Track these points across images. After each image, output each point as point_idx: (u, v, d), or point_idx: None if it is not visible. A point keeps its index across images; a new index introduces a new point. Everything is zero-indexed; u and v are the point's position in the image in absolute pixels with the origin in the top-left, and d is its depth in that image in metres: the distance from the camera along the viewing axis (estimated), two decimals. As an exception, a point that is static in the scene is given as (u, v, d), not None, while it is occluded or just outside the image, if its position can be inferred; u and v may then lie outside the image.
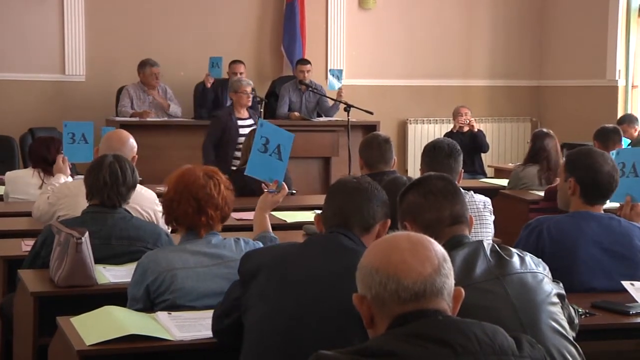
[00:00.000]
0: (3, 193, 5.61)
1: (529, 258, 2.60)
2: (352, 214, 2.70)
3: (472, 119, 9.08)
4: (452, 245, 2.51)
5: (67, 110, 8.91)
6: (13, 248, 4.13)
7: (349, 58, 10.08)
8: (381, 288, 1.88)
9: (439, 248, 1.94)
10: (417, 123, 10.33)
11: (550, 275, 2.62)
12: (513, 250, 2.61)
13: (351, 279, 1.97)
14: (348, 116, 7.67)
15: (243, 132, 7.28)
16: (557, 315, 2.52)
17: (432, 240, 1.95)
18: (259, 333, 2.54)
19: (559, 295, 2.61)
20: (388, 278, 1.88)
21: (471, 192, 4.18)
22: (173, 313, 2.95)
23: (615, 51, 9.73)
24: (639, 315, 3.14)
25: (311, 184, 8.22)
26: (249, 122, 7.62)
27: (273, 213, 4.49)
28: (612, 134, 6.70)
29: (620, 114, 9.13)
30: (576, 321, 2.75)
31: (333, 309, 2.47)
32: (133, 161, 4.33)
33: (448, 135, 8.76)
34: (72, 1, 9.10)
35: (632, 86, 9.80)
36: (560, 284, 2.67)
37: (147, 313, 2.98)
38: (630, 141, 7.41)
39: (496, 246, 2.60)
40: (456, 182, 3.09)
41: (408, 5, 10.29)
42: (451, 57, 10.46)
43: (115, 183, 3.78)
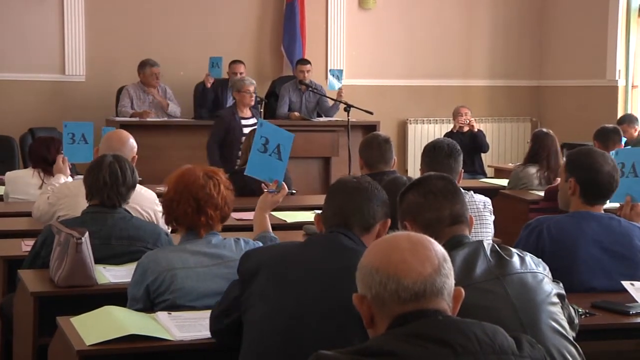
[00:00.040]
0: (3, 193, 5.61)
1: (529, 258, 2.59)
2: (352, 214, 2.70)
3: (472, 119, 9.07)
4: (452, 245, 2.51)
5: (67, 110, 8.91)
6: (13, 248, 4.13)
7: (349, 58, 10.08)
8: (381, 288, 1.88)
9: (439, 248, 1.94)
10: (417, 123, 10.33)
11: (550, 275, 2.62)
12: (513, 250, 2.60)
13: (351, 279, 1.97)
14: (348, 116, 7.67)
15: (247, 132, 7.25)
16: (557, 315, 2.52)
17: (432, 240, 1.95)
18: (259, 333, 2.53)
19: (559, 295, 2.61)
20: (388, 278, 1.88)
21: (471, 192, 4.18)
22: (173, 313, 2.95)
23: (615, 51, 9.73)
24: (639, 315, 3.14)
25: (311, 184, 8.22)
26: (252, 122, 7.57)
27: (273, 213, 4.49)
28: (612, 134, 6.70)
29: (620, 114, 9.13)
30: (576, 321, 2.75)
31: (333, 309, 2.47)
32: (133, 161, 4.33)
33: (448, 135, 8.75)
34: (72, 1, 9.10)
35: (632, 86, 9.80)
36: (560, 284, 2.67)
37: (147, 313, 2.98)
38: (626, 140, 7.38)
39: (496, 246, 2.59)
40: (456, 182, 3.08)
41: (408, 5, 10.29)
42: (451, 57, 10.45)
43: (115, 183, 3.78)
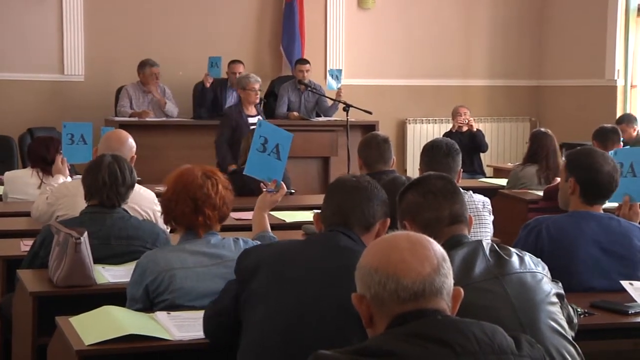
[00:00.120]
0: (2, 193, 5.61)
1: (528, 258, 2.59)
2: (352, 213, 2.69)
3: (471, 119, 9.07)
4: (452, 244, 2.51)
5: (66, 110, 8.91)
6: (12, 248, 4.12)
7: (348, 58, 10.08)
8: (380, 288, 1.88)
9: (438, 248, 1.94)
10: (416, 123, 10.33)
11: (549, 274, 2.62)
12: (512, 249, 2.60)
13: (351, 278, 1.97)
14: (347, 116, 7.67)
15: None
16: (556, 314, 2.52)
17: (432, 239, 1.95)
18: (260, 333, 2.52)
19: (558, 294, 2.61)
20: (387, 278, 1.87)
21: (470, 192, 4.18)
22: (172, 313, 2.95)
23: (614, 51, 9.74)
24: (638, 314, 3.14)
25: (310, 184, 8.22)
26: (258, 119, 7.55)
27: (272, 213, 4.48)
28: (611, 134, 6.71)
29: (619, 114, 9.14)
30: (575, 321, 2.75)
31: (333, 308, 2.46)
32: (132, 161, 4.33)
33: (447, 135, 8.75)
34: (71, 1, 9.09)
35: (631, 86, 9.80)
36: (559, 284, 2.67)
37: (146, 313, 2.98)
38: (624, 139, 7.37)
39: (495, 246, 2.59)
40: (455, 182, 3.08)
41: (407, 4, 10.29)
42: (450, 57, 10.45)
43: (114, 183, 3.78)
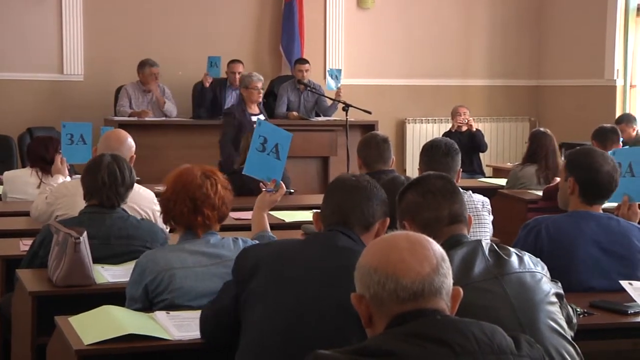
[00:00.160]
0: (1, 192, 5.61)
1: (528, 257, 2.59)
2: (351, 212, 2.69)
3: (471, 119, 9.07)
4: (451, 244, 2.51)
5: (66, 109, 8.91)
6: (11, 247, 4.12)
7: (348, 57, 10.08)
8: (380, 287, 1.88)
9: (438, 247, 1.94)
10: (416, 122, 10.33)
11: (548, 274, 2.62)
12: (511, 249, 2.60)
13: (350, 278, 1.97)
14: (346, 116, 7.66)
15: (257, 128, 7.21)
16: (556, 314, 2.52)
17: (431, 239, 1.95)
18: (259, 333, 2.52)
19: (558, 294, 2.61)
20: (387, 277, 1.87)
21: (470, 192, 4.18)
22: (171, 312, 2.95)
23: (613, 51, 9.74)
24: (637, 314, 3.14)
25: (309, 184, 8.22)
26: (261, 118, 7.56)
27: (271, 212, 4.48)
28: (610, 134, 6.71)
29: (618, 114, 9.14)
30: (574, 320, 2.75)
31: (332, 308, 2.46)
32: (131, 161, 4.33)
33: (446, 134, 8.75)
34: (71, 1, 9.09)
35: (630, 86, 9.79)
36: (558, 284, 2.67)
37: (146, 312, 2.98)
38: (624, 139, 7.37)
39: (495, 246, 2.59)
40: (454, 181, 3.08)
41: (406, 4, 10.29)
42: (450, 57, 10.45)
43: (114, 183, 3.77)
